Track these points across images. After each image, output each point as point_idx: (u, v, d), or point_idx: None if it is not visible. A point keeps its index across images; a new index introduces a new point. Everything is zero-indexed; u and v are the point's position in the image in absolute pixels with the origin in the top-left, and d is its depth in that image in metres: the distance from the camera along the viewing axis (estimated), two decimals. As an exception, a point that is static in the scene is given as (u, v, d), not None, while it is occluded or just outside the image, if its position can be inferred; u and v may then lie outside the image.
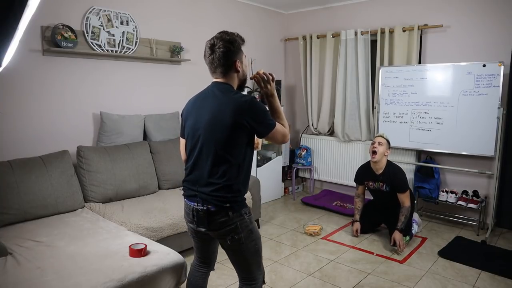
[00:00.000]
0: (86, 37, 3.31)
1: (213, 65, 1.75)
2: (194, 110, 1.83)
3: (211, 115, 1.72)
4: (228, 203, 1.72)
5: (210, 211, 1.73)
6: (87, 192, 3.09)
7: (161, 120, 3.81)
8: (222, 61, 1.72)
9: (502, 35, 3.76)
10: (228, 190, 1.72)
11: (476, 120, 3.74)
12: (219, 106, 1.71)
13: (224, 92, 1.74)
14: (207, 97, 1.79)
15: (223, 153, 1.70)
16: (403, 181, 3.47)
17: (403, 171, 3.55)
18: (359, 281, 2.87)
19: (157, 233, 2.84)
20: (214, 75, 1.79)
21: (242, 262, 1.85)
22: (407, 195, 3.44)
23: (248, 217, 1.79)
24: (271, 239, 3.65)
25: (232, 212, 1.73)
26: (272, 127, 1.73)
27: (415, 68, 4.12)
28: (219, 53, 1.70)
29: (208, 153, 1.72)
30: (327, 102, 4.98)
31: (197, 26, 4.25)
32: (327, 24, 5.03)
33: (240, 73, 1.80)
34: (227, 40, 1.71)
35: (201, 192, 1.74)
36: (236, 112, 1.66)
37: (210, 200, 1.72)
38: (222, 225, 1.74)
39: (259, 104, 1.73)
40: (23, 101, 3.04)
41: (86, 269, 1.99)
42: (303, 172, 5.37)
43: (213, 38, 1.74)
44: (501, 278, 2.91)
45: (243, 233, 1.76)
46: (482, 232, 3.81)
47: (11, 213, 2.62)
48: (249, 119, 1.67)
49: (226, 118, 1.67)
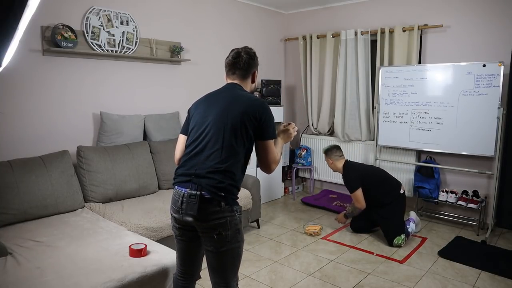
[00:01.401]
0: (86, 37, 3.31)
1: (235, 67, 1.88)
2: (206, 101, 1.90)
3: (225, 105, 1.79)
4: (223, 191, 1.69)
5: (204, 197, 1.68)
6: (87, 192, 3.09)
7: (161, 120, 3.81)
8: (246, 66, 1.88)
9: (502, 35, 3.76)
10: (227, 176, 1.71)
11: (476, 120, 3.74)
12: (234, 99, 1.80)
13: (240, 90, 1.87)
14: (222, 92, 1.89)
15: (231, 140, 1.73)
16: (347, 183, 3.66)
17: (349, 172, 3.67)
18: (359, 281, 2.87)
19: (157, 233, 2.84)
20: (232, 76, 1.91)
21: (220, 265, 1.76)
22: (354, 196, 3.58)
23: (238, 216, 1.77)
24: (271, 239, 3.65)
25: (225, 203, 1.70)
26: (273, 136, 1.80)
27: (415, 68, 4.12)
28: (246, 58, 1.87)
29: (217, 139, 1.74)
30: (327, 102, 4.98)
31: (197, 26, 4.25)
32: (327, 24, 5.03)
33: (254, 84, 1.97)
34: (252, 53, 1.92)
35: (198, 176, 1.71)
36: (249, 107, 1.75)
37: (204, 184, 1.69)
38: (211, 216, 1.68)
39: (271, 112, 1.82)
40: (23, 101, 3.04)
41: (86, 269, 1.99)
42: (303, 172, 5.37)
43: (239, 48, 1.93)
44: (501, 278, 2.91)
45: (230, 231, 1.71)
46: (482, 232, 3.81)
47: (11, 213, 2.62)
48: (256, 118, 1.74)
49: (238, 110, 1.75)
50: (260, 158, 1.80)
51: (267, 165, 1.79)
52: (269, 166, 1.79)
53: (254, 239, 3.63)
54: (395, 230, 3.47)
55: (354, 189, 3.57)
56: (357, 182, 3.56)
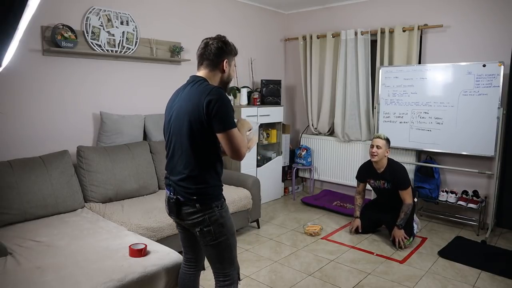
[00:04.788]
0: (86, 37, 3.31)
1: (202, 58, 1.79)
2: (169, 103, 1.89)
3: (179, 106, 1.76)
4: (194, 195, 1.73)
5: (180, 201, 1.77)
6: (87, 192, 3.09)
7: (161, 120, 3.80)
8: (212, 56, 1.77)
9: (502, 35, 3.76)
10: (193, 182, 1.73)
11: (476, 120, 3.74)
12: (188, 96, 1.74)
13: (197, 83, 1.75)
14: (181, 89, 1.84)
15: (187, 143, 1.72)
16: (404, 179, 3.49)
17: (404, 168, 3.57)
18: (359, 281, 2.87)
19: (157, 233, 2.84)
20: (199, 68, 1.82)
21: (214, 256, 1.84)
22: (408, 192, 3.46)
23: (219, 211, 1.77)
24: (271, 239, 3.65)
25: (200, 204, 1.73)
26: (232, 125, 1.65)
27: (415, 68, 4.12)
28: (212, 47, 1.76)
29: (177, 144, 1.76)
30: (327, 102, 4.98)
31: (197, 26, 4.25)
32: (327, 24, 5.03)
33: (225, 75, 1.83)
34: (222, 40, 1.80)
35: (173, 182, 1.79)
36: (201, 99, 1.65)
37: (178, 191, 1.76)
38: (189, 216, 1.76)
39: (227, 100, 1.68)
40: (23, 101, 3.04)
41: (86, 269, 1.99)
42: (303, 172, 5.37)
43: (209, 37, 1.82)
44: (501, 278, 2.91)
45: (212, 226, 1.75)
46: (482, 232, 3.81)
47: (11, 213, 2.62)
48: (210, 108, 1.62)
49: (190, 106, 1.69)
50: (227, 151, 1.70)
51: (234, 155, 1.69)
52: (237, 155, 1.69)
53: (254, 239, 3.63)
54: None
55: (409, 185, 3.49)
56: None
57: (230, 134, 1.65)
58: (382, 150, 3.49)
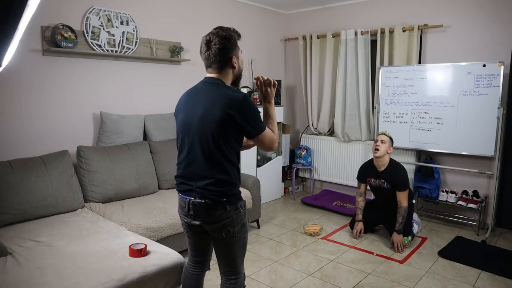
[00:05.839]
0: (86, 37, 3.31)
1: (209, 61, 1.74)
2: (185, 105, 1.82)
3: (203, 109, 1.70)
4: (224, 197, 1.73)
5: (208, 204, 1.73)
6: (87, 192, 3.09)
7: (161, 120, 3.81)
8: (218, 57, 1.71)
9: (502, 35, 3.76)
10: (223, 184, 1.73)
11: (476, 120, 3.74)
12: (211, 101, 1.69)
13: (217, 87, 1.73)
14: (199, 92, 1.78)
15: (215, 147, 1.69)
16: (403, 179, 3.47)
17: (404, 170, 3.55)
18: (359, 281, 2.87)
19: (157, 233, 2.84)
20: (208, 70, 1.78)
21: (230, 256, 1.85)
22: (405, 195, 3.43)
23: (243, 211, 1.82)
24: (271, 239, 3.65)
25: (229, 205, 1.75)
26: (261, 130, 1.71)
27: (415, 68, 4.12)
28: (215, 49, 1.70)
29: (201, 147, 1.72)
30: (327, 102, 4.98)
31: (197, 26, 4.25)
32: (327, 24, 5.03)
33: (236, 69, 1.79)
34: (223, 36, 1.70)
35: (198, 187, 1.75)
36: (227, 106, 1.65)
37: (207, 195, 1.73)
38: (219, 218, 1.75)
39: (252, 102, 1.72)
40: (23, 101, 3.04)
41: (86, 269, 1.99)
42: (303, 172, 5.37)
43: (208, 34, 1.73)
44: (501, 278, 2.91)
45: (237, 226, 1.79)
46: (482, 232, 3.81)
47: (11, 213, 2.62)
48: (239, 115, 1.65)
49: (216, 112, 1.66)
50: (261, 147, 1.78)
51: (269, 149, 1.78)
52: (271, 149, 1.78)
53: (254, 239, 3.63)
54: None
55: (407, 187, 3.47)
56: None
57: (262, 137, 1.72)
58: (385, 145, 3.49)
